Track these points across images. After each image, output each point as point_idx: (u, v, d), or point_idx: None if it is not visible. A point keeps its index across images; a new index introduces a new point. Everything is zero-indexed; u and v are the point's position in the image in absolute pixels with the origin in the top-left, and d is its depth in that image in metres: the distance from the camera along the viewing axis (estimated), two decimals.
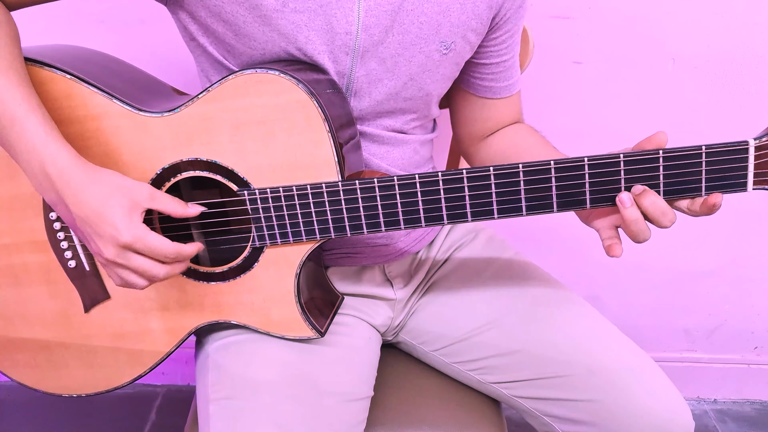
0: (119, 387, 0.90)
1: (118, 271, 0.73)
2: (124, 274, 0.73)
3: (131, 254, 0.71)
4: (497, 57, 0.92)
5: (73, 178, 0.70)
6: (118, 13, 1.28)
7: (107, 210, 0.70)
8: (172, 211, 0.74)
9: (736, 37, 1.29)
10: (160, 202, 0.73)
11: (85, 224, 0.71)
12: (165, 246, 0.72)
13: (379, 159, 0.89)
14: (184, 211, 0.75)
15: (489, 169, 0.72)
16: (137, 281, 0.74)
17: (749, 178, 0.71)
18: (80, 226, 0.72)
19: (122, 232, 0.70)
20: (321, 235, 0.78)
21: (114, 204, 0.70)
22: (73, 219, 0.72)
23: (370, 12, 0.79)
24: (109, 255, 0.71)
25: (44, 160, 0.70)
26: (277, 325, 0.83)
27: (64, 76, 0.77)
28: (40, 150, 0.70)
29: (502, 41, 0.90)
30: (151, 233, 0.71)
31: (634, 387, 0.84)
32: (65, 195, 0.71)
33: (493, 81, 0.94)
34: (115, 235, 0.70)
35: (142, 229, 0.71)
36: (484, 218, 0.75)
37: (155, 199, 0.73)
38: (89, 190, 0.70)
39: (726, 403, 1.69)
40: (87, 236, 0.73)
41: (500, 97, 0.96)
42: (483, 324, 0.93)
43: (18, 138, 0.71)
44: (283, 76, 0.73)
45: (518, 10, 0.89)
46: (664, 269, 1.53)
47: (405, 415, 0.93)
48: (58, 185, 0.71)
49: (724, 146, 0.69)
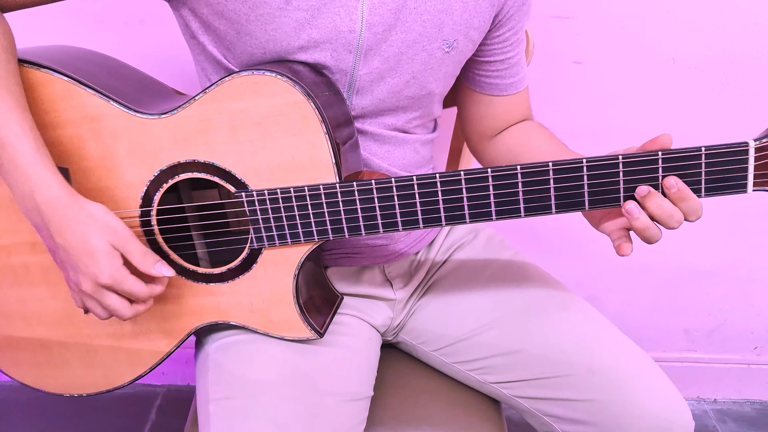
0: (119, 387, 0.90)
1: (86, 301, 0.76)
2: (91, 305, 0.76)
3: (106, 292, 0.74)
4: (501, 54, 0.92)
5: (60, 209, 0.72)
6: (117, 13, 1.28)
7: (90, 248, 0.72)
8: (136, 265, 0.74)
9: (736, 37, 1.29)
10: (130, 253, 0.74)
11: (68, 254, 0.73)
12: (140, 290, 0.74)
13: (380, 159, 0.89)
14: (146, 270, 0.74)
15: (487, 171, 0.72)
16: (101, 313, 0.76)
17: (749, 180, 0.70)
18: (61, 255, 0.74)
19: (104, 273, 0.72)
20: (319, 236, 0.78)
21: (97, 244, 0.72)
22: (56, 246, 0.73)
23: (374, 10, 0.78)
24: (86, 288, 0.74)
25: (33, 188, 0.71)
26: (276, 325, 0.83)
27: (61, 78, 0.77)
28: (30, 175, 0.71)
29: (505, 38, 0.90)
30: (129, 277, 0.73)
31: (634, 387, 0.84)
32: (50, 224, 0.72)
33: (499, 78, 0.94)
34: (97, 274, 0.72)
35: (123, 272, 0.73)
36: (482, 220, 0.75)
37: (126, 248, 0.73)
38: (74, 223, 0.72)
39: (726, 403, 1.69)
40: (66, 265, 0.74)
41: (506, 94, 0.96)
42: (483, 324, 0.93)
43: (9, 161, 0.71)
44: (280, 78, 0.73)
45: (521, 6, 0.89)
46: (664, 269, 1.53)
47: (405, 415, 0.93)
48: (45, 213, 0.72)
49: (724, 147, 0.69)
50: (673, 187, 0.70)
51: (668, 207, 0.71)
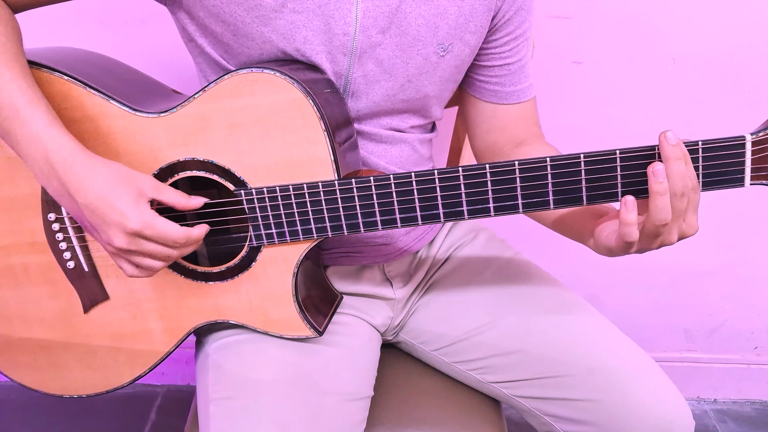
0: (119, 387, 0.90)
1: (131, 258, 0.73)
2: (138, 260, 0.73)
3: (142, 240, 0.71)
4: (500, 60, 0.91)
5: (77, 165, 0.70)
6: (117, 13, 1.28)
7: (114, 197, 0.70)
8: (175, 203, 0.74)
9: (736, 37, 1.29)
10: (164, 194, 0.73)
11: (92, 213, 0.71)
12: (174, 231, 0.72)
13: (377, 157, 0.89)
14: (187, 203, 0.75)
15: (485, 167, 0.72)
16: (152, 264, 0.73)
17: (746, 173, 0.70)
18: (87, 216, 0.71)
19: (131, 219, 0.69)
20: (318, 234, 0.78)
21: (120, 191, 0.70)
22: (79, 209, 0.71)
23: (368, 13, 0.79)
24: (120, 243, 0.71)
25: (47, 149, 0.70)
26: (275, 324, 0.83)
27: (61, 77, 0.77)
28: (43, 138, 0.70)
29: (503, 43, 0.90)
30: (159, 218, 0.71)
31: (634, 387, 0.84)
32: (69, 183, 0.70)
33: (498, 85, 0.93)
34: (124, 222, 0.69)
35: (150, 214, 0.71)
36: (481, 216, 0.75)
37: (159, 190, 0.73)
38: (93, 177, 0.70)
39: (726, 403, 1.69)
40: (95, 226, 0.72)
41: (508, 103, 0.94)
42: (483, 324, 0.93)
43: (20, 127, 0.70)
44: (278, 76, 0.73)
45: (519, 11, 0.88)
46: (664, 269, 1.53)
47: (405, 415, 0.93)
48: (62, 173, 0.70)
49: (721, 141, 0.69)
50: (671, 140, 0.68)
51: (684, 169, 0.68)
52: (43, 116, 0.71)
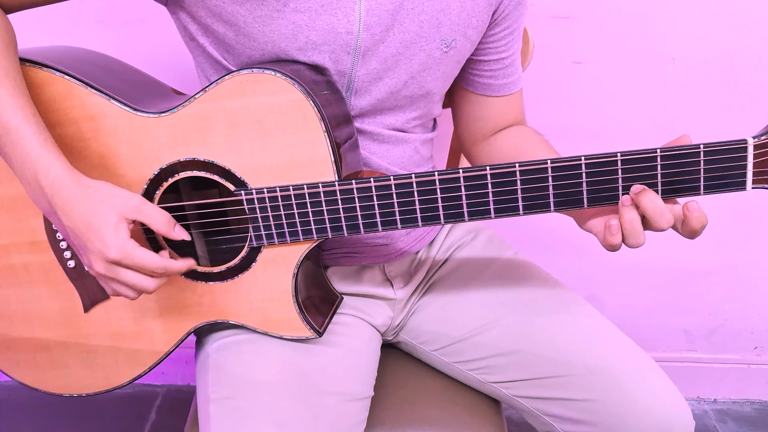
0: (119, 387, 0.90)
1: (109, 283, 0.75)
2: (115, 286, 0.74)
3: (119, 269, 0.72)
4: (495, 54, 0.92)
5: (64, 189, 0.71)
6: (117, 13, 1.28)
7: (96, 223, 0.70)
8: (157, 228, 0.74)
9: (736, 37, 1.29)
10: (147, 215, 0.73)
11: (76, 237, 0.72)
12: (153, 261, 0.72)
13: (379, 158, 0.89)
14: (168, 231, 0.74)
15: (485, 169, 0.72)
16: (127, 293, 0.75)
17: (748, 177, 0.70)
18: (72, 238, 0.73)
19: (110, 249, 0.70)
20: (318, 234, 0.78)
21: (101, 218, 0.70)
22: (66, 230, 0.73)
23: (372, 11, 0.78)
24: (99, 269, 0.72)
25: (37, 171, 0.71)
26: (275, 324, 0.83)
27: (62, 77, 0.77)
28: (34, 160, 0.71)
29: (500, 38, 0.90)
30: (138, 249, 0.71)
31: (634, 387, 0.84)
32: (56, 205, 0.71)
33: (492, 78, 0.94)
34: (104, 251, 0.70)
35: (130, 245, 0.71)
36: (481, 218, 0.75)
37: (142, 211, 0.73)
38: (78, 202, 0.71)
39: (726, 403, 1.69)
40: (78, 248, 0.74)
41: (499, 95, 0.96)
42: (483, 324, 0.93)
43: (13, 147, 0.71)
44: (279, 76, 0.73)
45: (517, 6, 0.89)
46: (664, 269, 1.53)
47: (405, 415, 0.93)
48: (49, 195, 0.71)
49: (723, 145, 0.69)
50: (695, 211, 0.71)
51: (660, 204, 0.71)
52: (33, 138, 0.71)
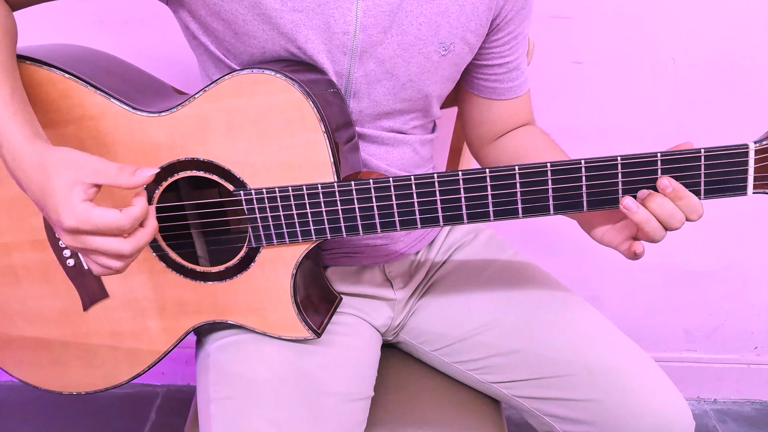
0: (118, 385, 0.90)
1: (86, 257, 0.69)
2: (93, 258, 0.68)
3: (84, 237, 0.65)
4: (500, 58, 0.91)
5: (24, 158, 0.66)
6: (117, 13, 1.28)
7: (48, 191, 0.65)
8: (117, 183, 0.65)
9: (736, 37, 1.29)
10: (104, 174, 0.65)
11: (41, 210, 0.67)
12: (114, 217, 0.64)
13: (379, 159, 0.89)
14: (129, 179, 0.65)
15: (485, 171, 0.72)
16: (107, 262, 0.67)
17: (749, 182, 0.70)
18: (42, 214, 0.68)
19: (64, 216, 0.64)
20: (317, 235, 0.78)
21: (54, 184, 0.64)
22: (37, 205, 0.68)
23: (369, 12, 0.78)
24: (67, 241, 0.66)
25: (3, 148, 0.67)
26: (273, 325, 0.83)
27: (62, 75, 0.77)
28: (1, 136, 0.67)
29: (504, 42, 0.90)
30: (93, 209, 0.64)
31: (634, 387, 0.84)
32: (18, 177, 0.68)
33: (497, 82, 0.93)
34: (60, 220, 0.64)
35: (82, 207, 0.64)
36: (480, 220, 0.74)
37: (99, 173, 0.65)
38: (34, 170, 0.66)
39: (726, 403, 1.69)
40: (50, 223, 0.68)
41: (506, 99, 0.95)
42: (483, 324, 0.93)
43: None
44: (278, 76, 0.73)
45: (520, 11, 0.88)
46: (663, 269, 1.53)
47: (405, 415, 0.93)
48: (14, 171, 0.68)
49: (724, 149, 0.68)
50: (667, 188, 0.70)
51: (669, 206, 0.71)
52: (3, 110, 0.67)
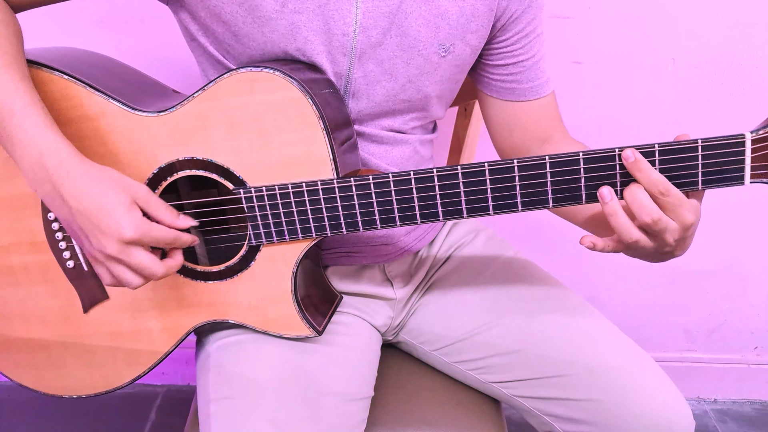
0: (118, 388, 0.90)
1: (114, 268, 0.72)
2: (120, 271, 0.72)
3: (133, 250, 0.70)
4: (513, 58, 0.90)
5: (72, 170, 0.70)
6: (117, 13, 1.28)
7: (108, 205, 0.69)
8: (162, 218, 0.73)
9: (736, 37, 1.29)
10: (153, 206, 0.73)
11: (85, 218, 0.70)
12: (168, 234, 0.72)
13: (378, 158, 0.89)
14: (173, 221, 0.74)
15: (484, 165, 0.72)
16: (132, 279, 0.72)
17: (746, 172, 0.70)
18: (78, 221, 0.71)
19: (126, 228, 0.69)
20: (317, 232, 0.78)
21: (114, 199, 0.69)
22: (71, 213, 0.71)
23: (368, 14, 0.78)
24: (111, 251, 0.70)
25: (42, 151, 0.70)
26: (274, 323, 0.83)
27: (62, 77, 0.77)
28: (38, 141, 0.70)
29: (515, 41, 0.89)
30: (155, 225, 0.72)
31: (634, 387, 0.84)
32: (63, 188, 0.70)
33: (515, 82, 0.92)
34: (120, 231, 0.69)
35: (147, 223, 0.71)
36: (480, 214, 0.74)
37: (150, 201, 0.73)
38: (88, 182, 0.70)
39: (726, 403, 1.69)
40: (85, 231, 0.71)
41: (527, 100, 0.93)
42: (483, 323, 0.93)
43: (16, 129, 0.70)
44: (277, 74, 0.73)
45: (528, 9, 0.87)
46: (663, 269, 1.53)
47: (405, 415, 0.93)
48: (55, 178, 0.70)
49: (721, 139, 0.69)
50: (630, 158, 0.69)
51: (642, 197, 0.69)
52: (39, 119, 0.70)
